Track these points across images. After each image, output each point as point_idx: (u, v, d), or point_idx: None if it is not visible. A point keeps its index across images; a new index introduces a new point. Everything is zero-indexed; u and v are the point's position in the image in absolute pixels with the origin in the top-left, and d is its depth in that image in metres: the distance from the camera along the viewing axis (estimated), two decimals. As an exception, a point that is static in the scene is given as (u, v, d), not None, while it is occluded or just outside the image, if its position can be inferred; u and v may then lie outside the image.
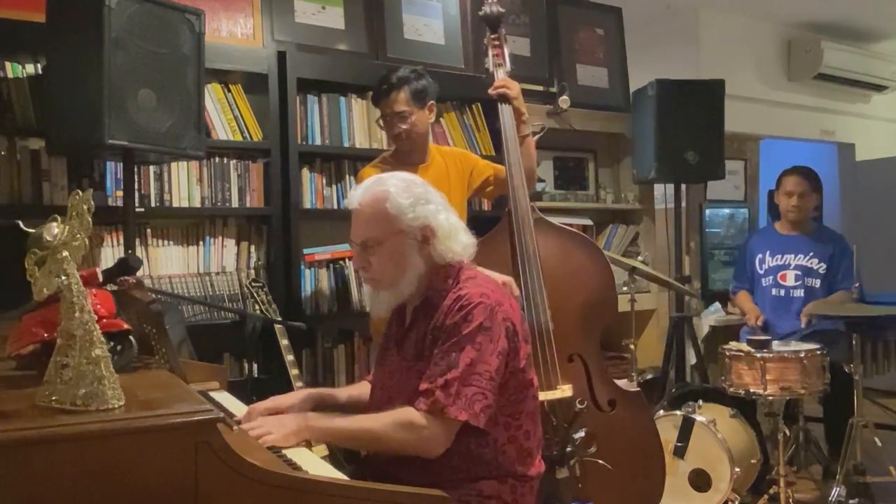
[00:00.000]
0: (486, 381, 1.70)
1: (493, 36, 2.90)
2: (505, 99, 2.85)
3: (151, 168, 3.09)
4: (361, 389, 2.07)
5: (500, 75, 2.87)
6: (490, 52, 2.91)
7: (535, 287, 2.63)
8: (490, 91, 2.87)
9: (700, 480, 3.24)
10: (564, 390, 2.60)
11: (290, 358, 2.85)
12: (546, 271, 2.68)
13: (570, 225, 4.44)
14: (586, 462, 2.55)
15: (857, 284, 3.43)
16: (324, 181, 3.52)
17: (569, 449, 2.49)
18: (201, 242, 3.27)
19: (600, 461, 2.55)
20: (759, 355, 3.19)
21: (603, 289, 2.78)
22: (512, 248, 2.71)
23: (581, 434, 2.52)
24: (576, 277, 2.75)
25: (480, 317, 1.72)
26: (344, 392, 2.13)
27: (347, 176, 3.57)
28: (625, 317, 3.54)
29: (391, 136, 2.86)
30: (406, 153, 2.85)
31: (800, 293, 3.96)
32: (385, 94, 2.79)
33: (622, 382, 2.84)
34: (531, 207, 2.76)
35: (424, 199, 1.84)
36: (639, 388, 2.84)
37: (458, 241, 1.85)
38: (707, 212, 5.11)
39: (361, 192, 1.86)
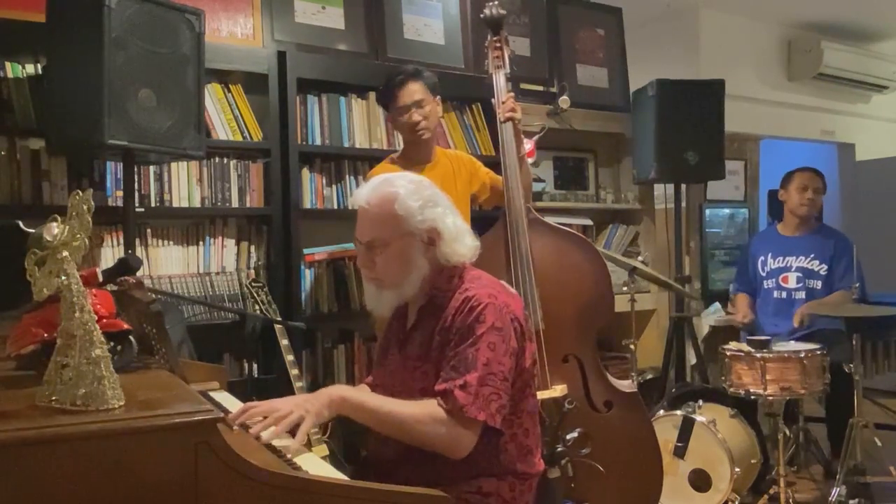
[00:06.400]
0: (501, 382, 1.70)
1: (494, 38, 2.90)
2: (511, 121, 2.87)
3: (151, 168, 3.09)
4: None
5: (500, 78, 2.87)
6: (490, 55, 2.89)
7: (528, 287, 2.62)
8: (501, 117, 2.86)
9: (700, 480, 3.24)
10: (555, 390, 2.59)
11: (290, 358, 2.85)
12: (541, 272, 2.67)
13: (570, 225, 4.46)
14: (581, 462, 2.55)
15: (857, 284, 3.43)
16: (324, 181, 3.51)
17: (559, 449, 2.49)
18: (201, 242, 3.27)
19: (593, 463, 2.55)
20: (759, 355, 3.19)
21: (599, 289, 2.76)
22: (506, 248, 2.71)
23: (574, 434, 2.52)
24: (571, 278, 2.74)
25: (492, 317, 1.72)
26: None
27: (347, 176, 3.57)
28: (625, 317, 3.54)
29: (408, 128, 2.84)
30: (416, 151, 2.85)
31: (801, 295, 3.96)
32: (400, 85, 2.79)
33: (625, 384, 2.83)
34: (528, 208, 2.76)
35: (433, 201, 1.83)
36: (636, 389, 2.82)
37: (463, 243, 1.85)
38: (707, 212, 5.11)
39: (369, 190, 1.84)
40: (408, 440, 1.73)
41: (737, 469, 3.18)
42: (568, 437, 2.50)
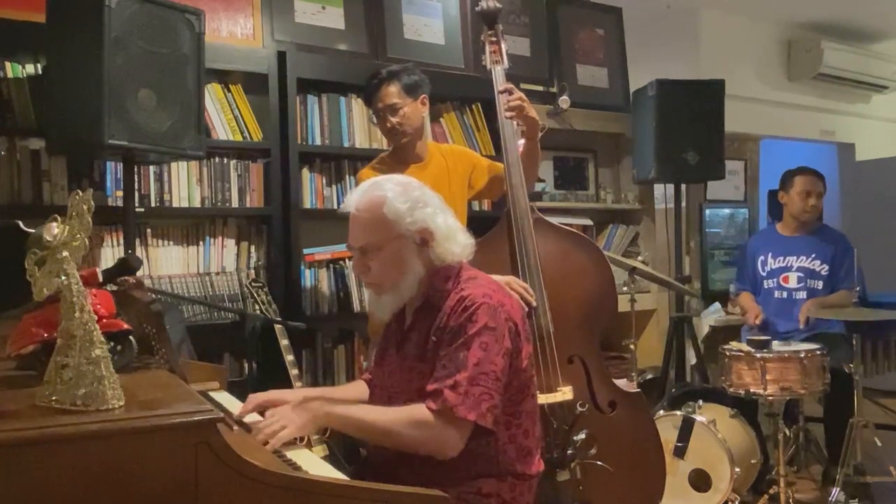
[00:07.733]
0: (493, 382, 1.70)
1: (489, 32, 2.86)
2: (520, 117, 2.72)
3: (151, 168, 3.09)
4: (358, 388, 2.07)
5: (498, 72, 2.83)
6: (487, 49, 2.85)
7: (535, 289, 2.61)
8: (506, 114, 2.71)
9: (700, 480, 3.24)
10: (565, 392, 2.59)
11: (290, 358, 2.85)
12: (545, 272, 2.66)
13: (570, 225, 4.46)
14: (586, 464, 2.55)
15: (857, 289, 3.42)
16: (324, 181, 3.52)
17: (569, 452, 2.48)
18: (201, 242, 3.27)
19: (601, 463, 2.54)
20: (759, 355, 3.18)
21: (603, 289, 2.76)
22: (511, 248, 2.70)
23: (581, 436, 2.51)
24: (575, 278, 2.73)
25: (485, 317, 1.72)
26: (340, 391, 2.14)
27: (347, 176, 3.57)
28: (625, 317, 3.53)
29: (385, 131, 2.83)
30: (403, 151, 2.82)
31: (802, 295, 3.94)
32: (375, 89, 2.77)
33: (622, 383, 2.83)
34: (531, 208, 2.74)
35: (422, 202, 1.83)
36: (639, 390, 2.82)
37: (457, 242, 1.85)
38: (707, 212, 5.11)
39: (358, 196, 1.84)
40: (396, 446, 1.74)
41: (737, 469, 3.18)
42: (575, 438, 2.50)
